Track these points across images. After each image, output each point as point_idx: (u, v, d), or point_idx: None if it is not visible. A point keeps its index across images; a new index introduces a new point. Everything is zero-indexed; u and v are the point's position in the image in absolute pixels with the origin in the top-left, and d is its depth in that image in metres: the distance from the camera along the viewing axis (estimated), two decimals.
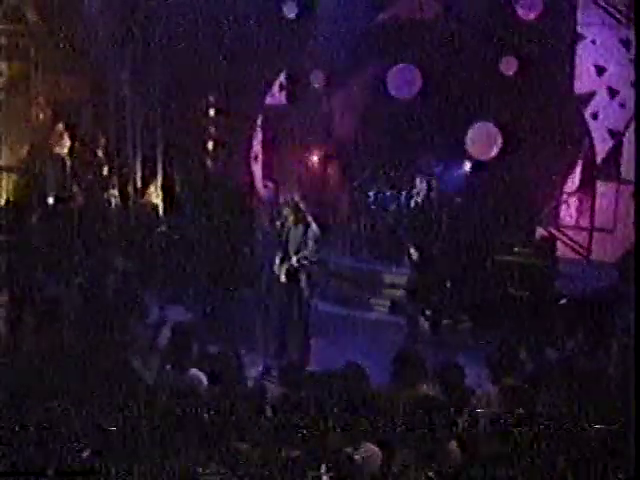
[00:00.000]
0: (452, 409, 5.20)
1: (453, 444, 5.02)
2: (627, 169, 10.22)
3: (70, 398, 5.57)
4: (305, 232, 8.30)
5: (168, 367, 6.32)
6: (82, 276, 9.86)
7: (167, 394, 5.66)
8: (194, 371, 6.11)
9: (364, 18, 11.56)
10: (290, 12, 11.86)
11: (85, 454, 5.05)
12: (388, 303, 10.38)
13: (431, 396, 5.47)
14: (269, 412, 5.53)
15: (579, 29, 10.56)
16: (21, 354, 6.95)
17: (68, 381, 5.87)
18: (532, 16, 10.51)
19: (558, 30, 10.55)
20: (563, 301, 8.91)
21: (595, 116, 10.56)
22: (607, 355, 7.74)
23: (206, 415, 5.39)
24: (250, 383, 6.43)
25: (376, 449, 4.99)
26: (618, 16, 10.35)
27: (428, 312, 9.37)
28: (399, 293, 10.16)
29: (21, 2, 12.55)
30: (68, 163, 12.58)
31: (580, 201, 10.91)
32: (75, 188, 12.43)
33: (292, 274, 8.25)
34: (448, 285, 9.48)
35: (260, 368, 7.82)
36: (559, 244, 10.71)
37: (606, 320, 8.18)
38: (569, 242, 10.81)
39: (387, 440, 5.01)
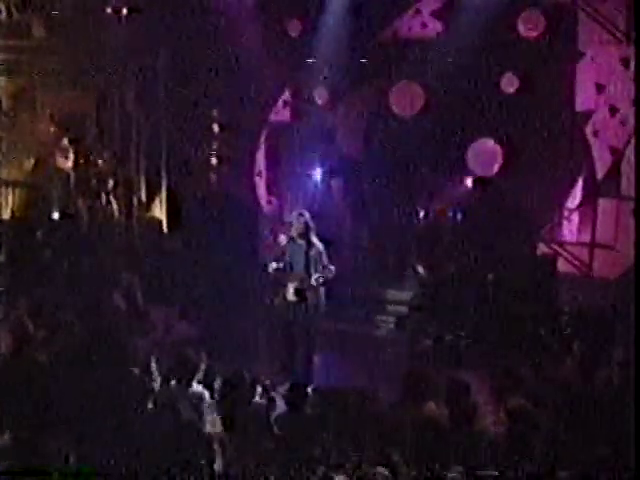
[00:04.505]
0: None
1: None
2: (627, 186, 10.29)
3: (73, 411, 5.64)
4: (309, 250, 8.36)
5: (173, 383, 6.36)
6: (86, 291, 9.90)
7: (171, 410, 5.72)
8: (197, 387, 6.18)
9: (367, 36, 11.68)
10: (294, 30, 12.01)
11: None
12: (393, 320, 10.45)
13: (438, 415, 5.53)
14: (275, 429, 5.60)
15: (580, 47, 10.65)
16: (26, 367, 6.99)
17: (71, 395, 5.92)
18: (533, 34, 10.63)
19: (559, 48, 10.66)
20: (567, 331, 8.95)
21: (596, 133, 10.64)
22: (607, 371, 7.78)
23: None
24: (256, 400, 6.48)
25: None
26: (618, 35, 10.44)
27: (431, 329, 9.45)
28: (403, 310, 10.24)
29: (28, 18, 12.65)
30: (73, 178, 12.65)
31: (581, 217, 10.97)
32: (80, 203, 12.51)
33: (299, 292, 8.30)
34: (449, 301, 9.57)
35: (266, 384, 7.86)
36: (560, 260, 10.80)
37: (606, 336, 8.24)
38: (570, 258, 10.86)
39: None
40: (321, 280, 8.29)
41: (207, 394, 6.06)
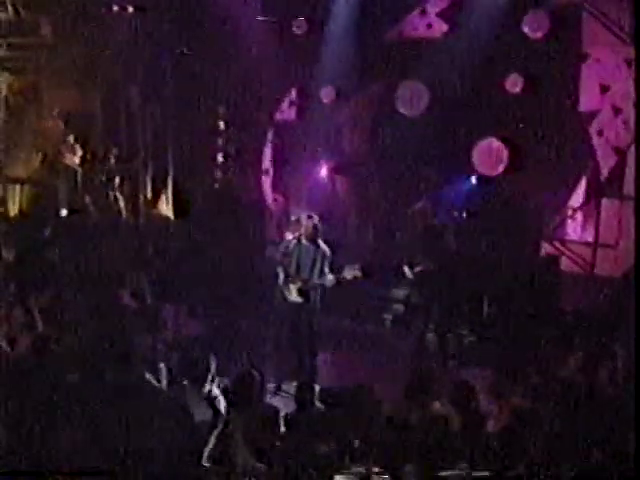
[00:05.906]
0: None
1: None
2: (630, 186, 10.36)
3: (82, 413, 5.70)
4: (315, 252, 8.41)
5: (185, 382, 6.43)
6: (94, 288, 9.95)
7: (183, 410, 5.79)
8: (209, 387, 6.25)
9: (373, 35, 11.75)
10: (300, 29, 12.08)
11: None
12: (397, 319, 10.52)
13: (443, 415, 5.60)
14: (282, 428, 5.68)
15: (584, 48, 10.71)
16: (34, 365, 7.06)
17: (79, 396, 5.99)
18: (538, 35, 10.69)
19: (564, 49, 10.71)
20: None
21: (600, 133, 10.70)
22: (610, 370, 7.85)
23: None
24: (263, 399, 6.55)
25: None
26: (622, 36, 10.50)
27: (432, 327, 9.51)
28: (407, 309, 10.31)
29: (35, 15, 12.72)
30: (80, 175, 12.73)
31: (585, 217, 11.03)
32: (87, 199, 12.59)
33: (303, 292, 8.36)
34: (453, 300, 9.64)
35: (272, 384, 7.93)
36: (563, 259, 10.88)
37: (609, 335, 8.31)
38: (573, 257, 10.94)
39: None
40: (318, 288, 8.36)
41: (219, 393, 6.13)
